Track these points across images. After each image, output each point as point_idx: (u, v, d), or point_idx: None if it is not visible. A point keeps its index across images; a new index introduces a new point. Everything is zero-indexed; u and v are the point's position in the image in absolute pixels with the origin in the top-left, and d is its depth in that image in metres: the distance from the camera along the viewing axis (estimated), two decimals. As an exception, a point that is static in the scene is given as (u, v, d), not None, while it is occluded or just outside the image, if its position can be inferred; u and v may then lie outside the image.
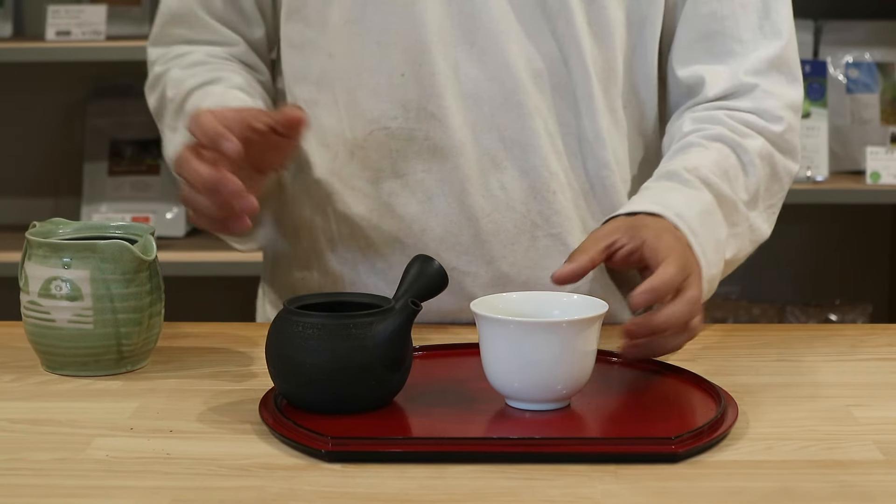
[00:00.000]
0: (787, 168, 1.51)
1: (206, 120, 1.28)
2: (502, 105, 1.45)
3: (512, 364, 1.17)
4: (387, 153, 1.47)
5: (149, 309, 1.32)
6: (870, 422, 1.18)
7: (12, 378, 1.32)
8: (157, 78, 1.59)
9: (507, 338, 1.16)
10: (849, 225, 3.19)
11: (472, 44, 1.45)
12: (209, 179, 1.28)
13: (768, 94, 1.49)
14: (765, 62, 1.49)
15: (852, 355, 1.40)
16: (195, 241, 2.94)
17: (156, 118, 1.61)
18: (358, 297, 1.24)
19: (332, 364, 1.15)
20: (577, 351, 1.17)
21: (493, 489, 1.04)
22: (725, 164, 1.45)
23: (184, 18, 1.59)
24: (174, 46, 1.59)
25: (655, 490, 1.04)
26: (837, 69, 3.00)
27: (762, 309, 3.12)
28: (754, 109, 1.49)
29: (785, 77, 1.51)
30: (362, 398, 1.17)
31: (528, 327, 1.16)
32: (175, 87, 1.54)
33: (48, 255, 1.30)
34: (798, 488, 1.04)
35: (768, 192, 1.49)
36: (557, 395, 1.18)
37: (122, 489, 1.04)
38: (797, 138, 1.52)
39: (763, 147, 1.48)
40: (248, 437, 1.15)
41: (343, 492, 1.04)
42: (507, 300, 1.24)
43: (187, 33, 1.59)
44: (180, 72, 1.56)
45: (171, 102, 1.54)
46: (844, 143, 2.98)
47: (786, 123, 1.49)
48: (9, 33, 3.05)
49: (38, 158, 3.14)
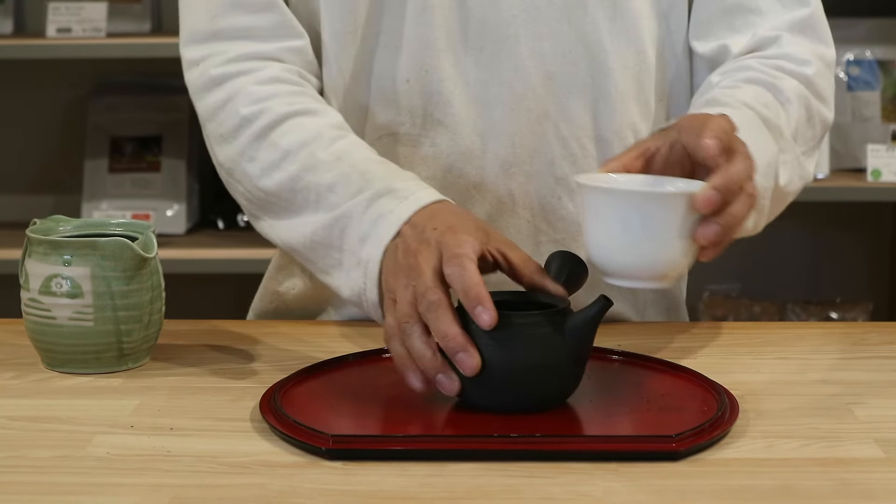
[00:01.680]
0: (821, 114, 1.45)
1: (472, 278, 1.15)
2: (512, 110, 1.43)
3: (631, 238, 1.15)
4: (393, 159, 1.43)
5: (149, 306, 1.32)
6: (870, 419, 1.18)
7: (12, 375, 1.32)
8: (212, 81, 1.42)
9: (628, 210, 1.14)
10: (850, 223, 3.19)
11: (481, 49, 1.43)
12: (459, 344, 1.14)
13: (793, 43, 1.45)
14: (787, 24, 1.46)
15: (853, 353, 1.39)
16: (196, 238, 2.94)
17: (205, 122, 1.44)
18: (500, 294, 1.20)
19: (528, 363, 1.14)
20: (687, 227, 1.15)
21: (493, 487, 1.04)
22: (764, 99, 1.38)
23: (249, 2, 1.42)
24: (230, 44, 1.43)
25: (656, 488, 1.04)
26: (838, 66, 3.00)
27: (763, 307, 3.12)
28: (782, 55, 1.44)
29: (810, 39, 1.47)
30: (554, 396, 1.17)
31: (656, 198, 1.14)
32: (253, 105, 1.39)
33: (48, 252, 1.30)
34: (799, 486, 1.04)
35: (803, 136, 1.43)
36: (670, 273, 1.16)
37: (122, 487, 1.04)
38: (830, 88, 1.46)
39: (797, 87, 1.42)
40: (248, 435, 1.15)
41: (344, 489, 1.03)
42: (611, 180, 1.20)
43: (250, 21, 1.43)
44: (258, 87, 1.40)
45: (249, 123, 1.39)
46: (845, 140, 2.98)
47: (815, 67, 1.44)
48: (9, 30, 3.05)
49: (39, 155, 3.14)
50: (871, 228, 3.20)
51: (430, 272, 1.17)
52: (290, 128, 1.38)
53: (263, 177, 1.38)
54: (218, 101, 1.42)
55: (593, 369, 1.22)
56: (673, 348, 1.39)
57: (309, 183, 1.34)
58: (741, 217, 1.17)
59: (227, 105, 1.41)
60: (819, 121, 1.45)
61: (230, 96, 1.41)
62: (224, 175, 1.44)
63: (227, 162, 1.42)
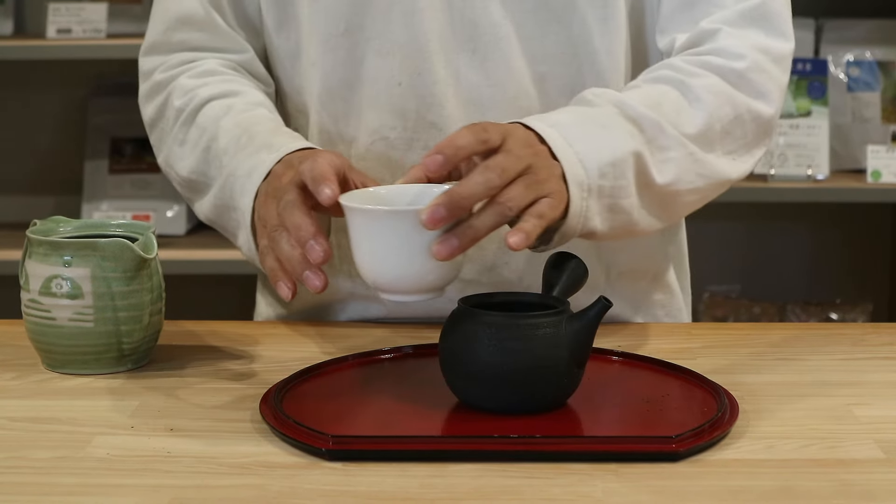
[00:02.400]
0: (752, 110, 1.38)
1: (321, 166, 1.19)
2: (506, 111, 1.42)
3: (378, 255, 1.16)
4: (386, 163, 1.45)
5: (149, 307, 1.32)
6: (870, 420, 1.18)
7: (13, 376, 1.32)
8: (157, 86, 1.50)
9: (370, 227, 1.15)
10: (850, 224, 3.19)
11: (473, 50, 1.42)
12: (310, 232, 1.17)
13: (731, 36, 1.39)
14: (737, 14, 1.41)
15: (853, 354, 1.39)
16: (196, 239, 2.94)
17: (150, 128, 1.52)
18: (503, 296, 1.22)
19: (529, 364, 1.15)
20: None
21: (493, 487, 1.04)
22: (661, 98, 1.34)
23: (192, 21, 1.50)
24: (176, 54, 1.51)
25: (656, 489, 1.04)
26: (838, 67, 3.00)
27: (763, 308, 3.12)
28: (712, 50, 1.39)
29: (763, 30, 1.40)
30: (554, 397, 1.18)
31: (388, 215, 1.15)
32: (184, 96, 1.46)
33: (49, 253, 1.30)
34: (799, 487, 1.04)
35: (728, 135, 1.37)
36: (429, 285, 1.17)
37: (122, 487, 1.04)
38: (769, 81, 1.39)
39: (715, 84, 1.36)
40: (248, 436, 1.15)
41: (344, 490, 1.03)
42: (377, 194, 1.21)
43: (195, 38, 1.51)
44: (190, 80, 1.47)
45: (180, 112, 1.46)
46: (845, 141, 2.98)
47: (749, 61, 1.38)
48: (9, 31, 3.05)
49: (39, 156, 3.14)
50: (871, 229, 3.20)
51: (288, 183, 1.22)
52: (210, 108, 1.44)
53: (188, 155, 1.44)
54: (157, 104, 1.50)
55: (593, 370, 1.22)
56: (673, 349, 1.39)
57: (216, 152, 1.40)
58: (486, 228, 1.15)
59: (166, 104, 1.49)
60: (751, 118, 1.38)
61: (168, 94, 1.49)
62: (165, 169, 1.50)
63: (165, 154, 1.49)
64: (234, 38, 1.51)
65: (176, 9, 1.51)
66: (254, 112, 1.43)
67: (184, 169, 1.45)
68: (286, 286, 1.20)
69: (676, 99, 1.35)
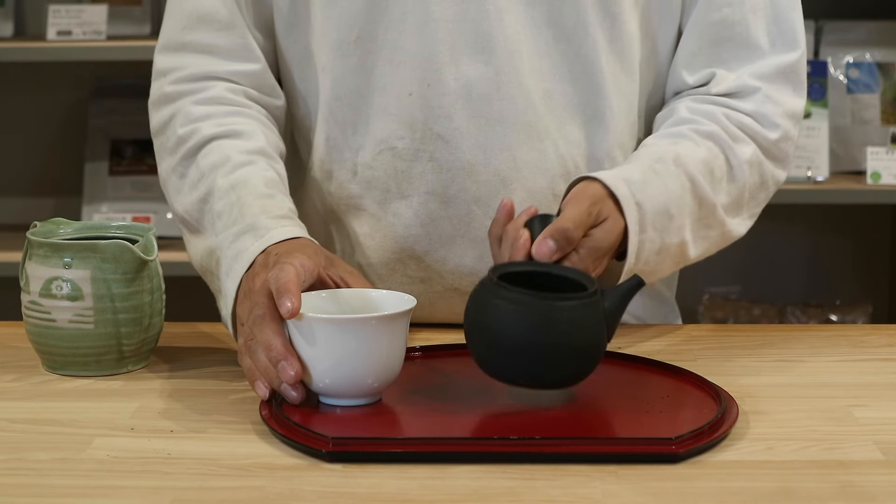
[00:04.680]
0: (775, 176, 1.49)
1: (287, 276, 1.21)
2: (514, 125, 1.42)
3: (320, 362, 1.18)
4: (393, 173, 1.44)
5: (149, 309, 1.32)
6: (870, 422, 1.18)
7: (13, 378, 1.32)
8: (165, 97, 1.48)
9: (311, 336, 1.18)
10: (849, 225, 3.19)
11: (485, 63, 1.42)
12: (280, 353, 1.19)
13: (769, 100, 1.47)
14: (774, 69, 1.47)
15: (853, 355, 1.40)
16: (196, 240, 2.94)
17: (154, 135, 1.49)
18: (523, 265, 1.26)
19: (563, 343, 1.18)
20: (383, 346, 1.18)
21: (493, 489, 1.04)
22: (713, 163, 1.43)
23: (212, 21, 1.47)
24: (189, 64, 1.47)
25: (656, 490, 1.04)
26: (838, 69, 3.00)
27: (763, 309, 3.12)
28: (753, 113, 1.46)
29: (792, 87, 1.48)
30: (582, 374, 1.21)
31: (328, 324, 1.18)
32: (188, 125, 1.44)
33: (49, 254, 1.30)
34: (798, 488, 1.04)
35: (754, 199, 1.48)
36: (368, 390, 1.19)
37: (122, 489, 1.04)
38: (791, 148, 1.50)
39: (754, 155, 1.46)
40: (248, 438, 1.15)
41: (343, 492, 1.04)
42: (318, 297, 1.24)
43: (209, 40, 1.47)
44: (195, 108, 1.45)
45: (182, 141, 1.44)
46: (845, 143, 2.98)
47: (782, 131, 1.47)
48: (10, 33, 3.05)
49: (39, 158, 3.14)
50: (871, 231, 3.20)
51: (260, 289, 1.23)
52: (211, 149, 1.43)
53: (185, 193, 1.43)
54: (164, 118, 1.48)
55: (594, 371, 1.22)
56: (673, 351, 1.39)
57: (211, 207, 1.40)
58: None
59: (170, 122, 1.47)
60: (773, 182, 1.50)
61: (173, 114, 1.47)
62: (162, 185, 1.49)
63: (164, 174, 1.48)
64: (250, 43, 1.48)
65: (195, 6, 1.48)
66: (250, 169, 1.41)
67: (180, 206, 1.44)
68: (263, 387, 1.21)
69: (723, 167, 1.44)
